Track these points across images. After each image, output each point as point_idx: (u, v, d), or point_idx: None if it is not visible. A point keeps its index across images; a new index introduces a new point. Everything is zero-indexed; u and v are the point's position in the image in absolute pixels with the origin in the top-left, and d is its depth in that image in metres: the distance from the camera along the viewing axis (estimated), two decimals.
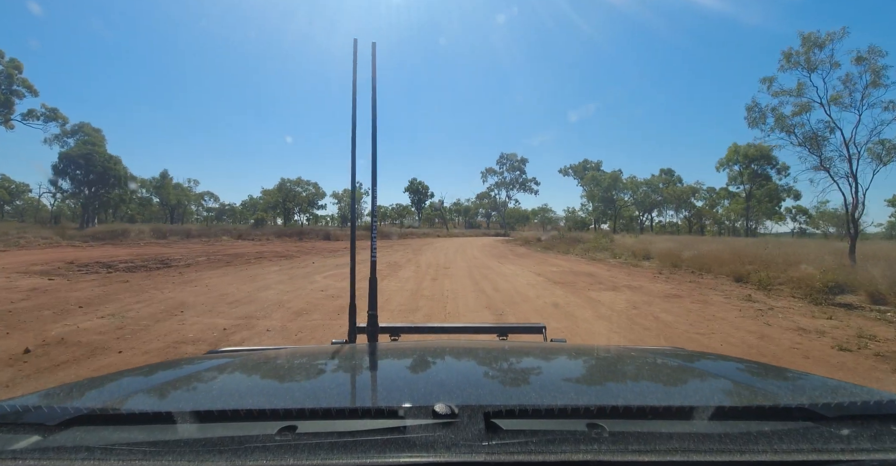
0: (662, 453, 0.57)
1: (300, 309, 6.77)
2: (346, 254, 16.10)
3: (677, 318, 6.31)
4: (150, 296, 7.56)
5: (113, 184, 35.60)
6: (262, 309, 6.65)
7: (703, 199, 52.18)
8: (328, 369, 1.11)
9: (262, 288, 8.91)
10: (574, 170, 65.15)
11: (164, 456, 0.58)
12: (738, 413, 0.72)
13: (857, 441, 0.62)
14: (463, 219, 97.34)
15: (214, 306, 6.86)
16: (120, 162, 37.00)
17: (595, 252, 20.77)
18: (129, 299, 7.25)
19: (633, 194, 50.91)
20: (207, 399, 0.84)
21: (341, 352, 1.23)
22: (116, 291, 8.06)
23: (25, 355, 4.19)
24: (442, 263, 15.49)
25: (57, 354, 4.25)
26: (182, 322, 5.69)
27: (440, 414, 0.65)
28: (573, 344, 1.54)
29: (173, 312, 6.28)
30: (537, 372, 1.11)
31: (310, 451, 0.57)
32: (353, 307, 1.72)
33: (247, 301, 7.43)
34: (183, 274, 11.18)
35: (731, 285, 10.05)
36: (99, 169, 33.62)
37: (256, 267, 13.24)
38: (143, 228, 28.67)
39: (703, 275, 11.83)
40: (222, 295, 7.87)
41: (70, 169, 33.79)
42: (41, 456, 0.58)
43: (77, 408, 0.71)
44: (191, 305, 6.87)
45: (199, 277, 10.48)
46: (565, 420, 0.68)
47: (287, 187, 50.70)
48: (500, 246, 30.35)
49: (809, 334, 5.50)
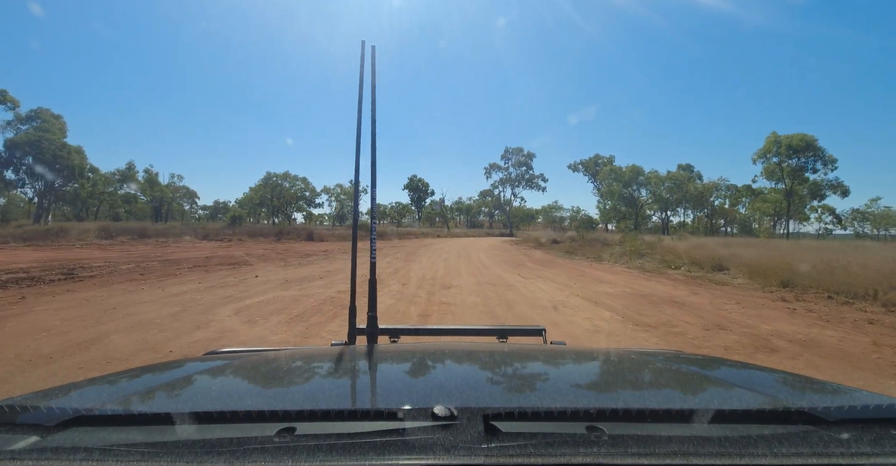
0: (662, 456, 0.56)
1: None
2: (318, 262, 14.47)
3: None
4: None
5: (68, 177, 31.28)
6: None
7: (723, 197, 47.88)
8: (327, 371, 1.10)
9: (93, 338, 4.52)
10: (585, 165, 60.87)
11: (162, 457, 0.57)
12: (737, 416, 0.71)
13: (858, 445, 0.61)
14: (465, 218, 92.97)
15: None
16: (80, 152, 32.70)
17: (635, 258, 16.35)
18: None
19: (655, 190, 46.30)
20: (206, 400, 0.83)
21: (340, 354, 1.26)
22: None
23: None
24: (440, 277, 11.03)
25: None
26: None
27: (439, 417, 0.65)
28: (573, 346, 1.56)
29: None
30: (537, 374, 1.11)
31: (308, 453, 0.57)
32: (353, 308, 1.70)
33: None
34: (56, 295, 7.22)
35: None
36: (48, 158, 29.29)
37: (173, 282, 8.93)
38: (90, 226, 24.34)
39: (855, 302, 7.45)
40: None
41: (15, 158, 29.50)
42: (39, 457, 0.57)
43: (75, 409, 0.70)
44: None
45: (55, 302, 6.14)
46: (565, 422, 0.67)
47: (273, 182, 46.33)
48: (510, 248, 25.96)
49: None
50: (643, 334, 5.25)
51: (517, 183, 62.70)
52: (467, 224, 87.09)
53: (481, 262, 16.24)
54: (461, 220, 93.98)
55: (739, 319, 6.23)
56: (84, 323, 5.36)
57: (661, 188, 45.63)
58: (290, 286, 8.70)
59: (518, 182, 62.55)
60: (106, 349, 4.33)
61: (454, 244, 31.66)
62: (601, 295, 8.19)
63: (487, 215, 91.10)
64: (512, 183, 63.10)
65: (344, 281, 9.41)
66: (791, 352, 4.61)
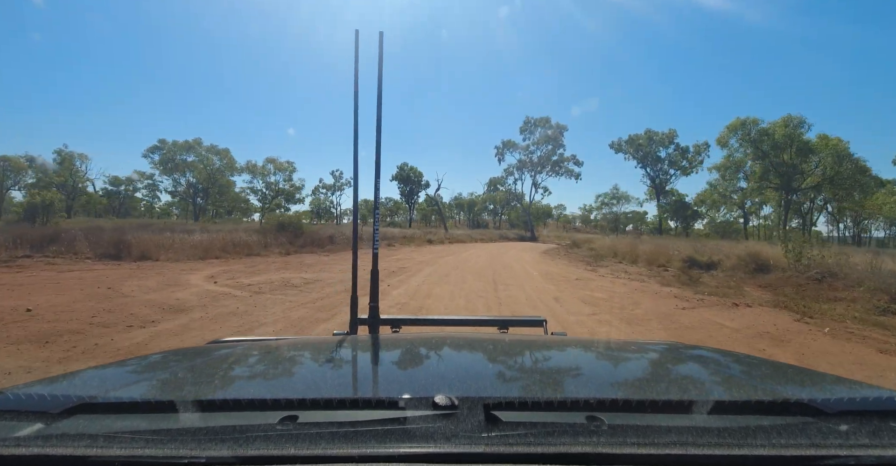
0: (661, 446, 0.57)
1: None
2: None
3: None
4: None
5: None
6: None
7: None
8: (329, 360, 1.10)
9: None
10: (631, 143, 44.34)
11: (166, 444, 0.57)
12: (736, 407, 0.72)
13: (856, 436, 0.62)
14: (466, 216, 76.19)
15: None
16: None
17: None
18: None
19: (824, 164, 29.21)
20: (209, 388, 0.84)
21: (342, 343, 1.25)
22: None
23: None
24: None
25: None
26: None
27: (440, 406, 0.65)
28: (573, 337, 1.60)
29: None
30: (537, 364, 1.12)
31: (310, 440, 0.57)
32: (354, 298, 1.73)
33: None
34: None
35: None
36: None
37: None
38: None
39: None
40: None
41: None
42: (44, 444, 0.57)
43: (80, 396, 0.71)
44: None
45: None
46: (565, 412, 0.68)
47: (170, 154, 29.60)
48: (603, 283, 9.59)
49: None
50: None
51: (541, 167, 45.80)
52: (469, 223, 70.35)
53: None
54: (461, 219, 77.23)
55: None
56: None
57: (825, 158, 28.43)
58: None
59: (542, 166, 45.66)
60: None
61: (453, 261, 15.39)
62: None
63: (492, 213, 74.38)
64: (534, 167, 46.08)
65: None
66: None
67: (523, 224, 65.10)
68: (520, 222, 65.96)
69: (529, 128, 44.20)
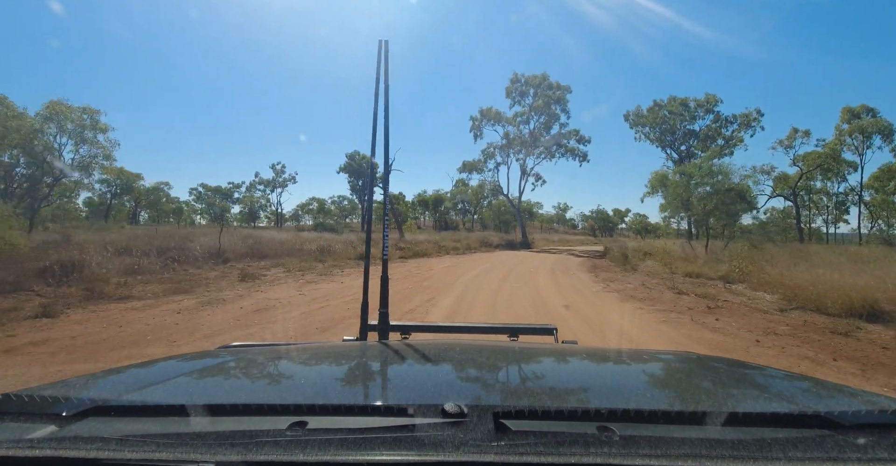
0: (673, 458, 0.56)
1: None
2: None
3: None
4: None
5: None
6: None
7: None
8: (339, 366, 1.11)
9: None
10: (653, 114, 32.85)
11: (176, 448, 0.57)
12: (751, 419, 0.70)
13: (874, 450, 0.59)
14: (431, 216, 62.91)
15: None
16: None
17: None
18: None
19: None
20: (220, 392, 0.84)
21: (352, 349, 1.27)
22: None
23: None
24: None
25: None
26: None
27: (449, 414, 0.65)
28: (585, 346, 1.53)
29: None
30: (548, 373, 1.10)
31: (319, 447, 0.57)
32: (365, 304, 1.70)
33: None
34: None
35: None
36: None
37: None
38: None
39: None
40: None
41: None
42: (57, 446, 0.58)
43: (92, 399, 0.71)
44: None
45: None
46: (575, 422, 0.67)
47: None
48: None
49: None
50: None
51: (533, 145, 33.01)
52: (436, 225, 57.13)
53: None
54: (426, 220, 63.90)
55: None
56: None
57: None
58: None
59: (534, 143, 32.91)
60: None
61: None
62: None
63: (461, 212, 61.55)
64: (525, 145, 33.02)
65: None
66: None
67: (504, 225, 52.43)
68: (498, 222, 53.26)
69: (518, 90, 31.38)
